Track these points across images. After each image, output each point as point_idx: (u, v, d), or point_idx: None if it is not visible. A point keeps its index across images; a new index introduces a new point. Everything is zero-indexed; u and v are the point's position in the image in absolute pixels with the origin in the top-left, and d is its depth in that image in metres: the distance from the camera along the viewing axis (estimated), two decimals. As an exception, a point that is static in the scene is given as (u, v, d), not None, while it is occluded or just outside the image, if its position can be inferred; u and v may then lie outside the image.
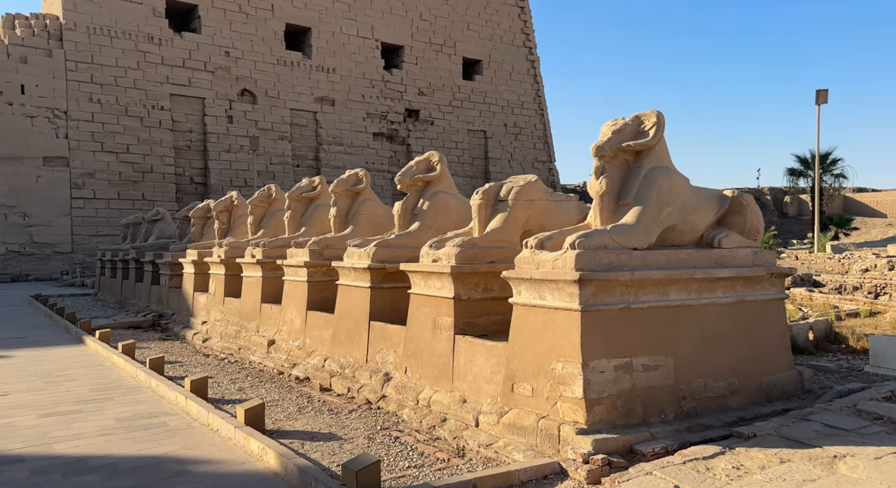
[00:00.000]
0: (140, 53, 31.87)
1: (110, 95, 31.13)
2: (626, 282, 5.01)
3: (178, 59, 32.84)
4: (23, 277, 28.63)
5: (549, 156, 47.03)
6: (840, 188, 39.11)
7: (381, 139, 39.74)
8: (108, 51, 31.18)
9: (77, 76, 30.47)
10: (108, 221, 30.87)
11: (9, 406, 6.67)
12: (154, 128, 32.13)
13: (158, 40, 32.33)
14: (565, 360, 5.00)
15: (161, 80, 32.34)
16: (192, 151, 33.65)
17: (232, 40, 34.27)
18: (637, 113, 5.47)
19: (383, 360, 7.35)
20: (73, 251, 30.17)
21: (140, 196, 31.76)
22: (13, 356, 9.64)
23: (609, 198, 5.36)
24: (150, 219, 17.87)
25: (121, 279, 17.70)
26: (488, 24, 43.79)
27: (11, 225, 28.84)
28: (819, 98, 19.52)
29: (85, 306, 16.99)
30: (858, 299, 10.55)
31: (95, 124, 30.85)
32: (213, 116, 33.77)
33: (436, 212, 8.15)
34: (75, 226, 30.23)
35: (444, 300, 6.49)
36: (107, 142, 31.04)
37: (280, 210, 11.84)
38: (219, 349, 10.41)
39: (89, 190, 30.66)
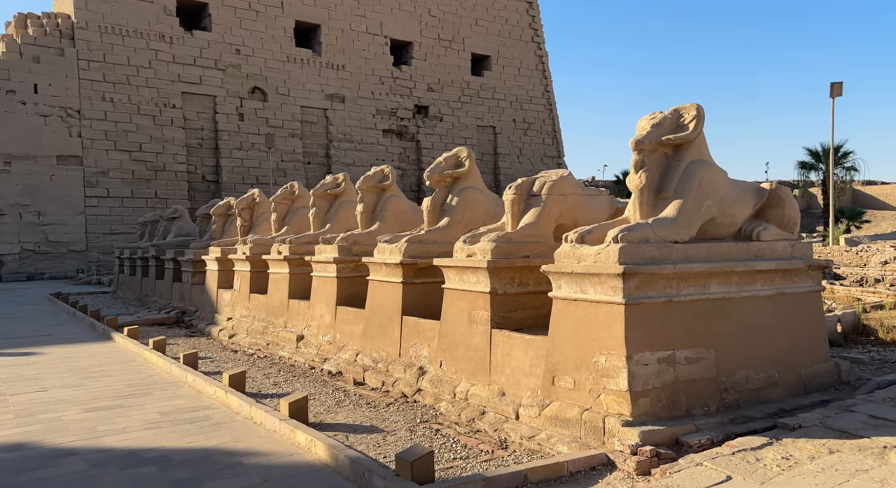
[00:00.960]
0: (151, 52, 32.01)
1: (123, 94, 31.30)
2: (668, 276, 5.06)
3: (189, 58, 32.97)
4: (38, 276, 28.88)
5: (559, 151, 46.96)
6: (851, 181, 38.94)
7: (390, 135, 39.79)
8: (120, 49, 31.33)
9: (89, 75, 30.64)
10: (122, 219, 31.09)
11: (51, 401, 6.79)
12: (166, 127, 32.29)
13: (169, 39, 32.45)
14: (609, 353, 5.06)
15: (172, 79, 32.48)
16: (204, 149, 33.80)
17: (242, 38, 34.36)
18: (676, 106, 5.51)
19: (417, 355, 7.43)
20: (87, 249, 30.40)
21: (153, 194, 31.95)
22: (45, 353, 9.79)
23: (649, 192, 5.41)
24: (168, 217, 18.00)
25: (140, 277, 17.86)
26: (496, 19, 43.71)
27: (26, 224, 29.08)
28: (833, 91, 19.44)
29: (105, 304, 17.16)
30: (881, 291, 10.56)
31: (108, 123, 31.03)
32: (224, 114, 33.90)
33: (465, 208, 8.21)
34: (89, 225, 30.45)
35: (479, 294, 6.56)
36: (120, 141, 31.22)
37: (303, 207, 11.93)
38: (246, 345, 10.52)
39: (103, 188, 30.87)
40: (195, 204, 32.12)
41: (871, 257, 13.83)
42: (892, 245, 15.90)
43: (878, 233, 37.15)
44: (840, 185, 34.83)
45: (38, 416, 6.19)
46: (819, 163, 34.72)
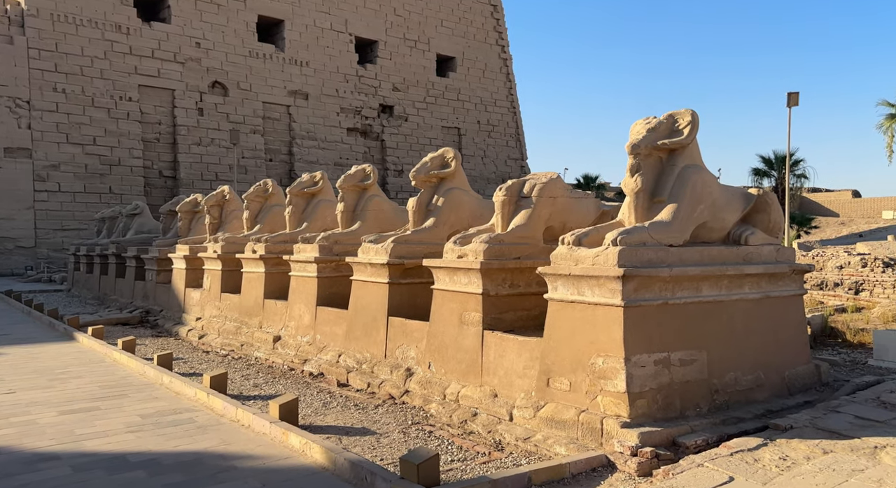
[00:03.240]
0: (107, 43, 30.83)
1: (76, 85, 30.04)
2: (664, 279, 5.16)
3: (147, 50, 31.90)
4: (-18, 273, 27.43)
5: (522, 153, 47.46)
6: (800, 188, 40.64)
7: (355, 134, 39.43)
8: (74, 39, 30.07)
9: (40, 64, 29.29)
10: (73, 215, 29.82)
11: (22, 403, 6.44)
12: (122, 120, 31.15)
13: (126, 30, 31.33)
14: (606, 355, 5.12)
15: (129, 71, 31.36)
16: (162, 144, 32.76)
17: (203, 31, 33.46)
18: (671, 111, 5.63)
19: (404, 356, 7.36)
20: (36, 246, 29.03)
21: (107, 189, 30.76)
22: (6, 353, 9.28)
23: (644, 196, 5.51)
24: (128, 213, 17.36)
25: (99, 274, 17.15)
26: (461, 21, 43.89)
27: (-30, 218, 27.59)
28: (790, 101, 20.25)
29: (61, 302, 16.41)
30: (841, 295, 11.04)
31: (60, 115, 29.73)
32: (183, 108, 32.94)
33: (451, 209, 8.20)
34: (39, 220, 29.09)
35: (471, 296, 6.55)
36: (72, 134, 29.95)
37: (277, 205, 11.69)
38: (218, 345, 10.23)
39: (54, 182, 29.55)
40: (151, 200, 31.06)
41: (828, 262, 14.45)
42: (845, 250, 16.66)
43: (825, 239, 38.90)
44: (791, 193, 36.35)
45: (10, 419, 5.86)
46: (772, 171, 36.11)
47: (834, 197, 57.81)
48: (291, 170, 36.28)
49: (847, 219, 51.45)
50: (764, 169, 36.89)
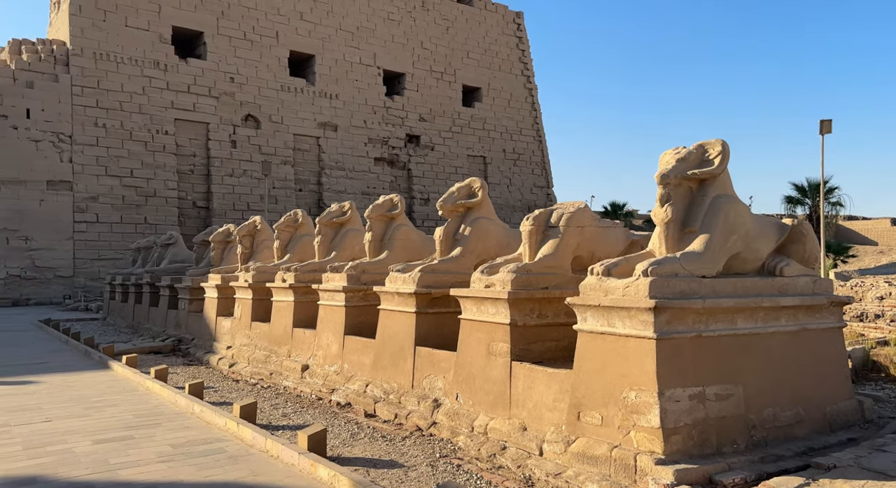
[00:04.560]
0: (146, 79, 32.08)
1: (115, 120, 31.21)
2: (697, 310, 5.07)
3: (183, 85, 33.07)
4: (23, 301, 28.26)
5: (548, 181, 47.49)
6: (836, 216, 39.70)
7: (382, 164, 40.02)
8: (115, 76, 31.37)
9: (83, 101, 30.56)
10: (110, 245, 30.67)
11: (58, 432, 6.56)
12: (158, 153, 32.18)
13: (164, 66, 32.58)
14: (639, 389, 5.02)
15: (166, 105, 32.50)
16: (196, 175, 33.68)
17: (236, 66, 34.61)
18: (700, 142, 5.60)
19: (431, 386, 7.32)
20: (74, 275, 29.87)
21: (143, 219, 31.64)
22: (43, 382, 9.50)
23: (674, 226, 5.45)
24: (163, 243, 17.79)
25: (133, 303, 17.53)
26: (487, 52, 44.60)
27: (13, 249, 28.56)
28: (823, 128, 19.94)
29: (97, 331, 16.78)
30: (883, 327, 10.66)
31: (100, 148, 30.86)
32: (216, 141, 33.91)
33: (477, 238, 8.22)
34: (77, 250, 29.99)
35: (498, 326, 6.51)
36: (111, 167, 31.01)
37: (306, 235, 11.87)
38: (248, 374, 10.31)
39: (92, 214, 30.52)
40: (185, 230, 31.83)
41: (867, 292, 13.99)
42: (886, 280, 16.13)
43: (863, 268, 37.75)
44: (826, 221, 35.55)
45: (47, 448, 5.96)
46: (805, 199, 35.40)
47: (871, 225, 56.31)
48: (320, 200, 36.90)
49: (886, 247, 49.98)
50: (797, 197, 36.20)
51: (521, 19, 46.80)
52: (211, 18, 33.98)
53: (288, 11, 36.39)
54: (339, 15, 38.22)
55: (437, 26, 42.30)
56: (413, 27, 41.28)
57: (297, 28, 36.73)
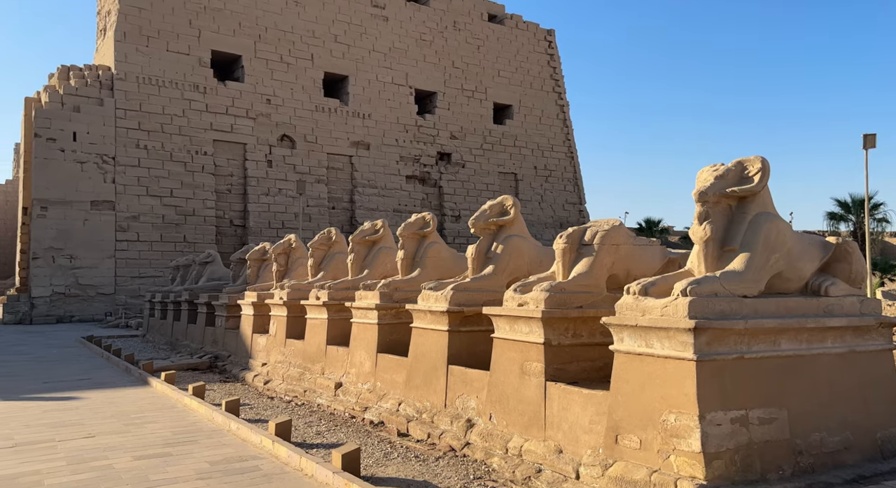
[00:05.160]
0: (186, 101, 33.12)
1: (156, 141, 32.25)
2: (739, 331, 4.94)
3: (222, 107, 34.03)
4: (67, 318, 29.17)
5: (580, 198, 47.16)
6: (882, 233, 38.37)
7: (413, 181, 40.35)
8: (156, 99, 32.47)
9: (126, 123, 31.68)
10: (150, 263, 31.51)
11: (100, 447, 6.71)
12: (197, 173, 33.07)
13: (203, 89, 33.60)
14: (678, 412, 4.89)
15: (205, 127, 33.46)
16: (233, 195, 34.47)
17: (273, 88, 35.48)
18: (739, 159, 5.50)
19: (464, 406, 7.26)
20: (115, 292, 30.73)
21: (182, 238, 32.45)
22: (86, 398, 9.76)
23: (714, 244, 5.34)
24: (201, 262, 18.19)
25: (172, 320, 17.92)
26: (518, 70, 44.80)
27: (59, 267, 29.58)
28: (867, 142, 19.35)
29: (136, 347, 17.19)
30: (936, 347, 10.18)
31: (142, 169, 31.88)
32: (253, 161, 34.70)
33: (510, 256, 8.18)
34: (119, 268, 30.89)
35: (532, 345, 6.45)
36: (152, 187, 31.97)
37: (340, 253, 12.00)
38: (282, 391, 10.40)
39: (133, 233, 31.45)
40: (222, 248, 32.53)
41: (917, 310, 13.42)
42: (937, 298, 15.44)
43: (911, 285, 36.27)
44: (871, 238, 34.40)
45: (89, 463, 6.10)
46: (848, 215, 34.34)
47: (919, 239, 54.13)
48: (352, 217, 37.32)
49: (936, 263, 47.94)
50: (840, 213, 35.12)
51: (553, 37, 46.95)
52: (249, 42, 35.01)
53: (323, 34, 37.25)
54: (372, 36, 38.96)
55: (468, 45, 42.73)
56: (444, 47, 41.78)
57: (331, 50, 37.55)
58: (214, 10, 34.07)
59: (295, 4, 36.47)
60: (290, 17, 36.19)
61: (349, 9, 38.29)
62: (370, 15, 38.99)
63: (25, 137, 32.69)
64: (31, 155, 30.50)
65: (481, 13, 43.55)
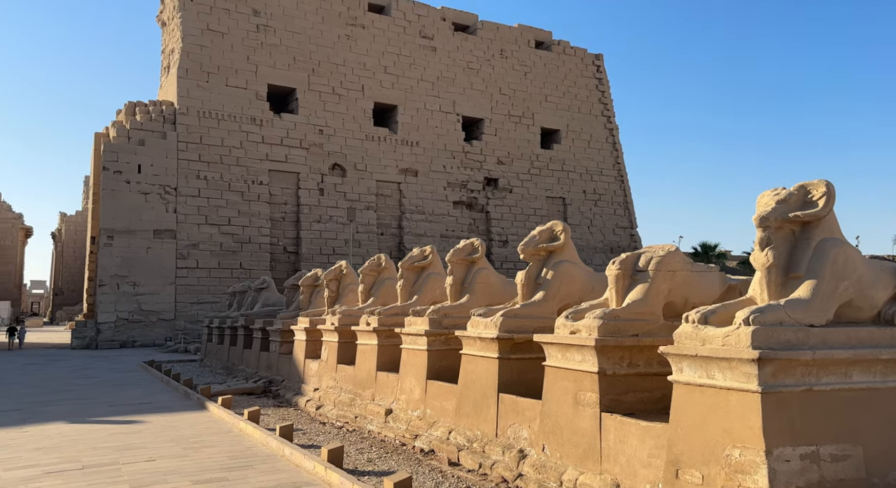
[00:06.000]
0: (243, 133, 34.51)
1: (215, 172, 33.62)
2: (806, 362, 4.69)
3: (277, 138, 35.29)
4: (130, 343, 30.38)
5: (631, 222, 46.32)
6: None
7: (460, 207, 40.57)
8: (216, 132, 33.97)
9: (187, 155, 33.22)
10: (208, 289, 32.60)
11: (161, 471, 6.91)
12: (253, 202, 34.24)
13: (260, 121, 34.97)
14: (743, 447, 4.66)
15: (261, 158, 34.72)
16: (286, 222, 35.46)
17: (325, 119, 36.61)
18: (802, 182, 5.30)
19: (516, 436, 7.14)
20: (175, 318, 31.87)
21: (238, 265, 33.50)
22: (147, 421, 10.09)
23: (777, 271, 5.13)
24: (256, 288, 18.70)
25: (228, 345, 18.42)
26: (566, 95, 44.80)
27: (123, 294, 30.95)
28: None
29: (194, 372, 17.71)
30: None
31: (201, 199, 33.23)
32: (306, 189, 35.70)
33: (560, 282, 8.07)
34: (179, 294, 32.08)
35: (586, 374, 6.30)
36: (210, 216, 33.26)
37: (389, 278, 12.12)
38: (334, 417, 10.48)
39: (193, 260, 32.68)
40: (276, 274, 33.40)
41: None
42: None
43: None
44: (947, 258, 32.32)
45: (151, 487, 6.27)
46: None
47: None
48: (401, 243, 37.75)
49: None
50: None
51: (601, 61, 46.85)
52: (303, 76, 36.34)
53: (373, 66, 38.32)
54: (420, 67, 39.81)
55: (515, 72, 43.10)
56: (491, 74, 42.26)
57: (381, 81, 38.54)
58: (271, 46, 35.60)
59: (347, 38, 37.73)
60: (341, 51, 37.43)
61: (398, 41, 39.33)
62: (419, 46, 39.92)
63: (94, 170, 34.72)
64: (99, 187, 32.31)
65: (528, 40, 43.95)
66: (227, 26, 34.72)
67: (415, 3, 40.28)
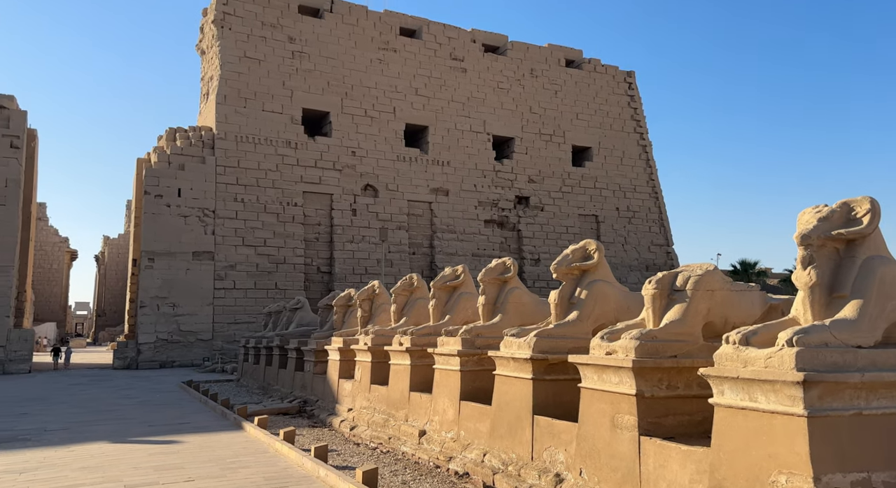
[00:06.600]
0: (279, 157, 35.31)
1: (252, 195, 34.40)
2: (855, 385, 4.52)
3: (311, 160, 35.98)
4: (169, 363, 31.02)
5: (667, 239, 45.54)
6: None
7: (492, 226, 40.55)
8: (252, 155, 34.83)
9: (225, 179, 34.09)
10: (244, 309, 33.16)
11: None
12: (288, 223, 34.86)
13: (295, 144, 35.74)
14: (789, 473, 4.49)
15: (296, 180, 35.41)
16: (320, 243, 35.97)
17: (358, 141, 37.21)
18: (845, 199, 5.16)
19: (552, 459, 7.01)
20: (212, 338, 32.46)
21: (273, 285, 34.03)
22: (185, 441, 10.25)
23: (820, 290, 4.97)
24: (291, 308, 18.95)
25: (264, 365, 18.65)
26: (597, 113, 44.63)
27: (162, 314, 31.70)
28: None
29: (231, 392, 17.97)
30: None
31: (238, 221, 33.99)
32: (339, 210, 36.20)
33: (595, 301, 7.97)
34: (216, 315, 32.70)
35: (623, 396, 6.17)
36: (247, 237, 33.97)
37: (421, 298, 12.14)
38: (367, 437, 10.47)
39: (230, 281, 33.33)
40: (310, 294, 33.81)
41: None
42: None
43: None
44: None
45: (189, 508, 6.36)
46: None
47: None
48: (432, 262, 37.84)
49: None
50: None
51: (633, 78, 46.62)
52: (336, 99, 37.10)
53: (404, 88, 38.91)
54: (451, 88, 40.25)
55: (545, 91, 43.19)
56: (522, 93, 42.44)
57: (412, 103, 39.07)
58: (305, 72, 36.50)
59: (379, 62, 38.45)
60: (373, 75, 38.14)
61: (429, 63, 39.89)
62: (449, 68, 40.41)
63: (136, 194, 35.89)
64: (141, 210, 33.36)
65: (559, 59, 44.08)
66: (264, 53, 35.77)
67: (445, 26, 40.87)
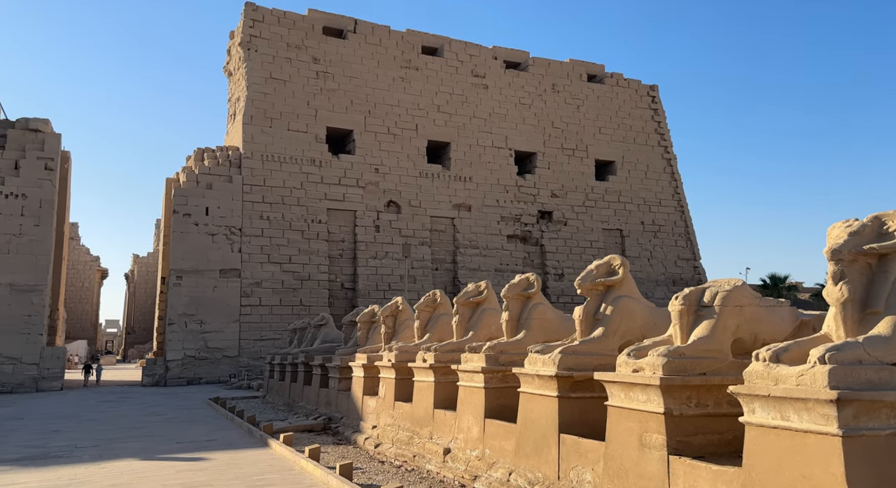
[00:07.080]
0: (304, 175, 35.80)
1: (277, 213, 34.88)
2: (891, 404, 4.38)
3: (335, 178, 36.41)
4: (196, 380, 31.37)
5: (693, 253, 44.87)
6: None
7: (514, 241, 40.42)
8: (278, 174, 35.38)
9: (251, 197, 34.65)
10: (270, 326, 33.47)
11: (225, 509, 7.03)
12: (312, 240, 35.23)
13: (319, 163, 36.23)
14: (825, 494, 4.35)
15: (320, 197, 35.84)
16: (344, 259, 36.23)
17: (381, 158, 37.58)
18: (876, 213, 5.05)
19: (579, 478, 6.90)
20: (239, 355, 32.79)
21: (298, 302, 34.31)
22: (213, 458, 10.34)
23: (853, 306, 4.85)
24: (315, 324, 19.08)
25: (289, 382, 18.76)
26: (620, 126, 44.42)
27: (190, 332, 32.15)
28: None
29: (257, 408, 18.09)
30: None
31: (264, 239, 34.46)
32: (362, 226, 36.49)
33: (620, 318, 7.87)
34: (242, 332, 33.06)
35: (651, 415, 6.07)
36: (273, 254, 34.39)
37: (444, 314, 12.13)
38: (392, 455, 10.43)
39: (256, 298, 33.71)
40: (334, 310, 33.99)
41: None
42: None
43: None
44: None
45: (216, 525, 6.39)
46: None
47: None
48: (455, 278, 37.81)
49: None
50: None
51: (656, 92, 46.38)
52: (359, 118, 37.59)
53: (426, 105, 39.27)
54: (472, 104, 40.50)
55: (567, 105, 43.18)
56: (544, 109, 42.49)
57: (434, 119, 39.39)
58: (329, 91, 37.10)
59: (401, 80, 38.91)
60: (396, 93, 38.59)
61: (451, 80, 40.24)
62: (471, 84, 40.70)
63: (165, 213, 36.66)
64: (169, 229, 34.04)
65: (580, 74, 44.09)
66: (289, 74, 36.47)
67: (467, 44, 41.25)
